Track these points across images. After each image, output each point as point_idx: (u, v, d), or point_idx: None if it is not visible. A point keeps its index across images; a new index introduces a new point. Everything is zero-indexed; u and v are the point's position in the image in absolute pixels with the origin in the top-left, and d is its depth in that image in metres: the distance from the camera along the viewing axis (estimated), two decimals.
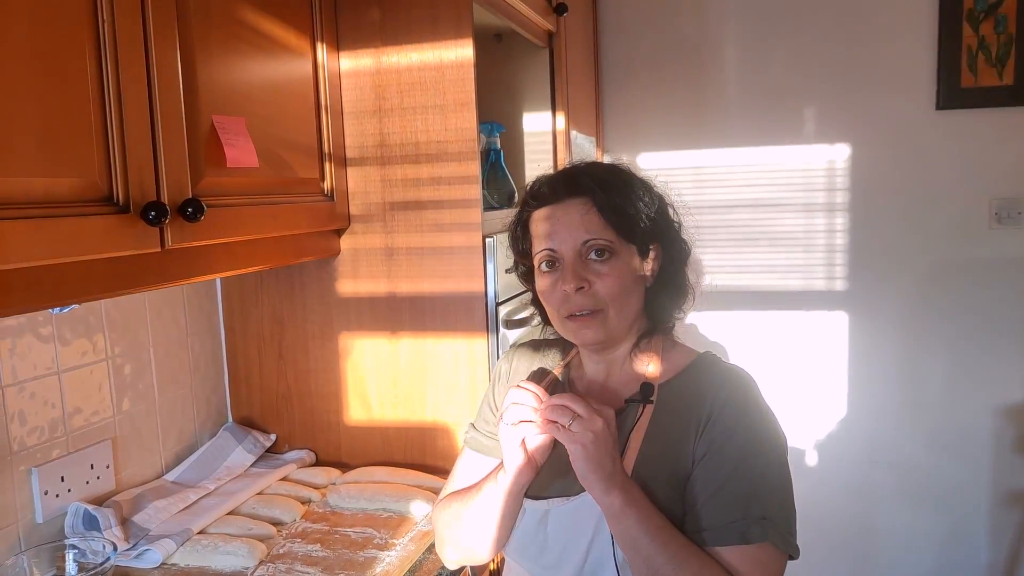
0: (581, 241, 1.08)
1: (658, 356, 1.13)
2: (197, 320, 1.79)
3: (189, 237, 1.20)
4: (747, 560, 0.98)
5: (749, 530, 0.98)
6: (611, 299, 1.08)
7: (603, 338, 1.10)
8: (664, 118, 2.84)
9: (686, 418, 1.05)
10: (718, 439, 1.02)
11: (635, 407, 1.08)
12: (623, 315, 1.10)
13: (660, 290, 1.14)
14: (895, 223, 2.70)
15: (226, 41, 1.32)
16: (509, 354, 1.30)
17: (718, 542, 0.99)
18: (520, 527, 1.11)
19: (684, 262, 1.16)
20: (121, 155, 1.07)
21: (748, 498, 1.00)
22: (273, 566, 1.36)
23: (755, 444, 1.02)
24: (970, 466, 2.74)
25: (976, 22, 2.52)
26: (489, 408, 1.26)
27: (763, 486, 1.01)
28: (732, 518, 0.99)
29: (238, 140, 1.32)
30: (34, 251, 0.96)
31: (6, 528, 1.35)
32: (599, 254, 1.08)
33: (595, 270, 1.08)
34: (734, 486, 1.00)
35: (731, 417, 1.03)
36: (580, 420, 0.98)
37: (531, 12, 2.01)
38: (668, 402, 1.08)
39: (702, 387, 1.07)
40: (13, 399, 1.36)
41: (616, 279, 1.07)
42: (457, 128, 1.64)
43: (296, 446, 1.85)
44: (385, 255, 1.72)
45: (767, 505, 1.00)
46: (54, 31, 0.98)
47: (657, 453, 1.05)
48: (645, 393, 1.08)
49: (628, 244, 1.09)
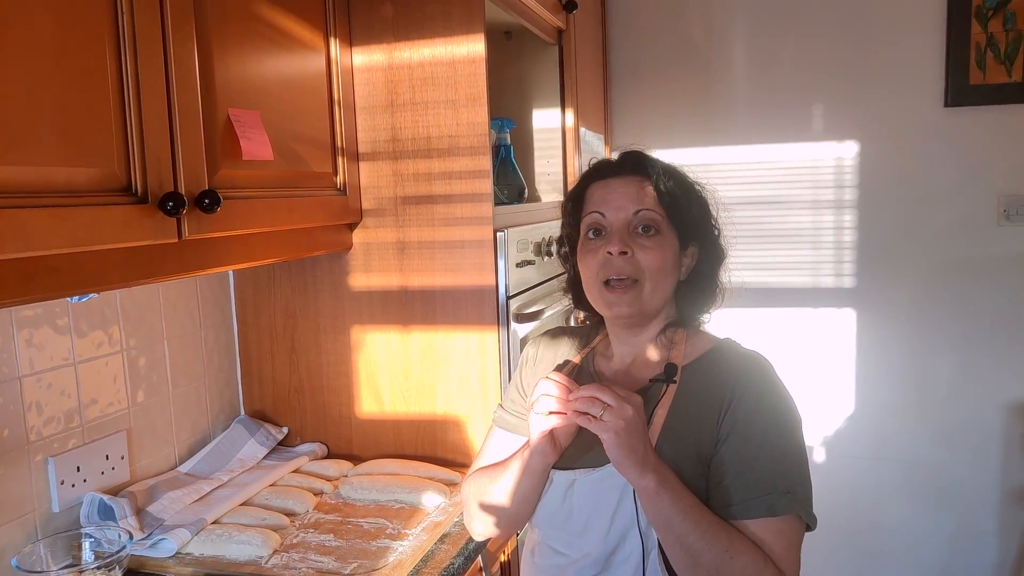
0: (633, 211, 1.13)
1: (682, 341, 1.18)
2: (211, 313, 1.81)
3: (206, 228, 1.21)
4: (772, 531, 1.04)
5: (776, 503, 1.04)
6: (650, 272, 1.12)
7: (636, 311, 1.14)
8: (672, 115, 2.85)
9: (708, 399, 1.10)
10: (742, 419, 1.07)
11: (659, 386, 1.13)
12: (657, 292, 1.14)
13: (691, 287, 1.20)
14: (903, 220, 2.71)
15: (242, 36, 1.34)
16: (536, 340, 1.35)
17: (747, 515, 1.04)
18: (547, 497, 1.16)
19: (718, 266, 1.22)
20: (140, 146, 1.09)
21: (773, 474, 1.05)
22: (287, 555, 1.37)
23: (777, 423, 1.08)
24: (978, 463, 2.74)
25: (985, 19, 2.53)
26: (517, 390, 1.31)
27: (786, 462, 1.07)
28: (759, 492, 1.04)
29: (253, 133, 1.34)
30: (55, 239, 0.97)
31: (23, 516, 1.36)
32: (646, 229, 1.13)
33: (640, 243, 1.12)
34: (760, 463, 1.06)
35: (753, 398, 1.08)
36: (610, 409, 1.01)
37: (541, 9, 2.03)
38: (690, 383, 1.13)
39: (723, 370, 1.12)
40: (30, 389, 1.37)
41: (658, 254, 1.12)
42: (468, 123, 1.66)
43: (308, 439, 1.86)
44: (397, 249, 1.73)
45: (791, 479, 1.06)
46: (75, 26, 1.00)
47: (681, 430, 1.09)
48: (669, 373, 1.12)
49: (673, 229, 1.15)
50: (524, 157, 2.28)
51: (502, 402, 1.34)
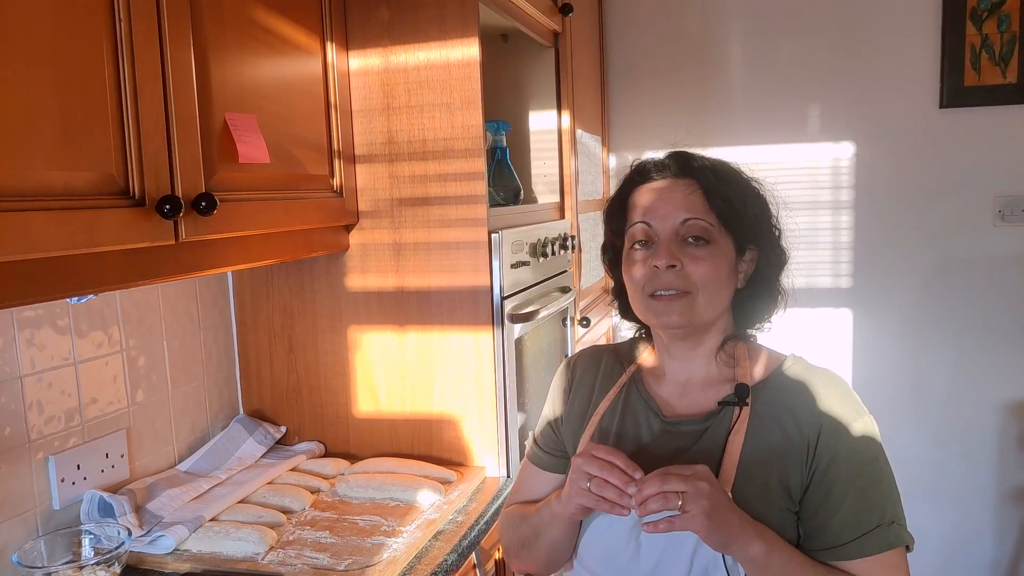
0: (680, 220, 1.03)
1: (745, 357, 1.09)
2: (209, 314, 1.83)
3: (203, 230, 1.23)
4: (884, 565, 0.98)
5: (888, 536, 0.98)
6: (703, 284, 1.03)
7: (687, 322, 1.04)
8: (669, 117, 2.87)
9: (790, 424, 1.02)
10: (843, 452, 1.00)
11: (730, 410, 1.04)
12: (712, 304, 1.04)
13: (751, 294, 1.10)
14: (899, 221, 2.72)
15: (238, 41, 1.36)
16: (569, 364, 1.23)
17: (862, 553, 0.98)
18: (607, 535, 1.06)
19: (780, 269, 1.12)
20: (137, 150, 1.11)
21: (880, 505, 0.99)
22: (283, 552, 1.39)
23: (872, 448, 1.02)
24: (974, 462, 2.75)
25: (979, 21, 2.54)
26: (551, 427, 1.21)
27: (885, 489, 1.01)
28: (869, 527, 0.98)
29: (250, 137, 1.36)
30: (54, 242, 0.99)
31: (24, 514, 1.39)
32: (696, 239, 1.03)
33: (690, 253, 1.03)
34: (866, 496, 0.99)
35: (846, 424, 1.01)
36: (686, 496, 0.90)
37: (537, 12, 2.05)
38: (764, 405, 1.04)
39: (801, 392, 1.04)
40: (31, 389, 1.40)
41: (711, 265, 1.03)
42: (463, 126, 1.68)
43: (306, 438, 1.89)
44: (393, 250, 1.75)
45: (895, 507, 1.00)
46: (73, 31, 1.02)
47: (761, 459, 1.01)
48: (741, 395, 1.03)
49: (727, 235, 1.05)
50: (521, 159, 2.30)
51: (536, 437, 1.24)
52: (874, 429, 1.03)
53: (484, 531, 1.52)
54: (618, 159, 2.96)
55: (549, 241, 2.03)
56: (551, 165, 2.32)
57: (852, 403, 1.04)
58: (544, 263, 2.01)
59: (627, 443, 1.10)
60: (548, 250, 2.00)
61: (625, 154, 2.95)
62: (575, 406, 1.18)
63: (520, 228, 1.87)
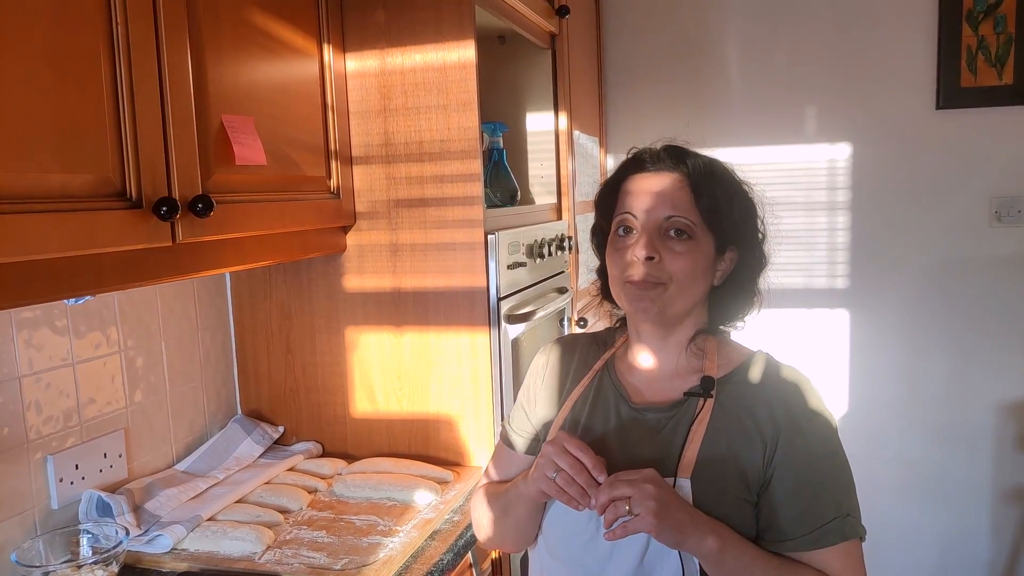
0: (664, 215, 1.07)
1: (714, 351, 1.12)
2: (207, 314, 1.84)
3: (199, 232, 1.24)
4: (841, 557, 1.02)
5: (843, 528, 1.02)
6: (677, 278, 1.06)
7: (658, 310, 1.08)
8: (666, 118, 2.88)
9: (751, 418, 1.05)
10: (800, 445, 1.03)
11: (695, 401, 1.08)
12: (684, 296, 1.08)
13: (726, 293, 1.13)
14: (896, 221, 2.73)
15: (235, 43, 1.37)
16: (546, 350, 1.28)
17: (819, 544, 1.01)
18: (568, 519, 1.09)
19: (759, 272, 1.15)
20: (134, 152, 1.11)
21: (836, 499, 1.03)
22: (280, 551, 1.40)
23: (830, 444, 1.05)
24: (971, 463, 2.76)
25: (976, 22, 2.55)
26: (523, 410, 1.25)
27: (842, 483, 1.05)
28: (824, 520, 1.01)
29: (247, 139, 1.37)
30: (51, 244, 1.00)
31: (23, 513, 1.40)
32: (678, 233, 1.07)
33: (670, 247, 1.06)
34: (824, 489, 1.03)
35: (806, 420, 1.04)
36: (632, 500, 0.95)
37: (533, 14, 2.05)
38: (728, 398, 1.08)
39: (766, 388, 1.08)
40: (29, 389, 1.40)
41: (688, 261, 1.06)
42: (460, 127, 1.68)
43: (303, 438, 1.90)
44: (390, 251, 1.76)
45: (850, 500, 1.04)
46: (70, 34, 1.03)
47: (722, 449, 1.04)
48: (706, 387, 1.07)
49: (708, 233, 1.08)
50: (518, 160, 2.31)
51: (508, 419, 1.28)
52: (833, 425, 1.07)
53: None
54: (616, 160, 2.96)
55: (546, 242, 2.04)
56: (548, 166, 2.33)
57: (813, 399, 1.07)
58: (541, 264, 2.02)
59: (596, 427, 1.14)
60: (545, 251, 2.01)
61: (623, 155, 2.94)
62: (549, 391, 1.22)
63: (517, 229, 1.87)
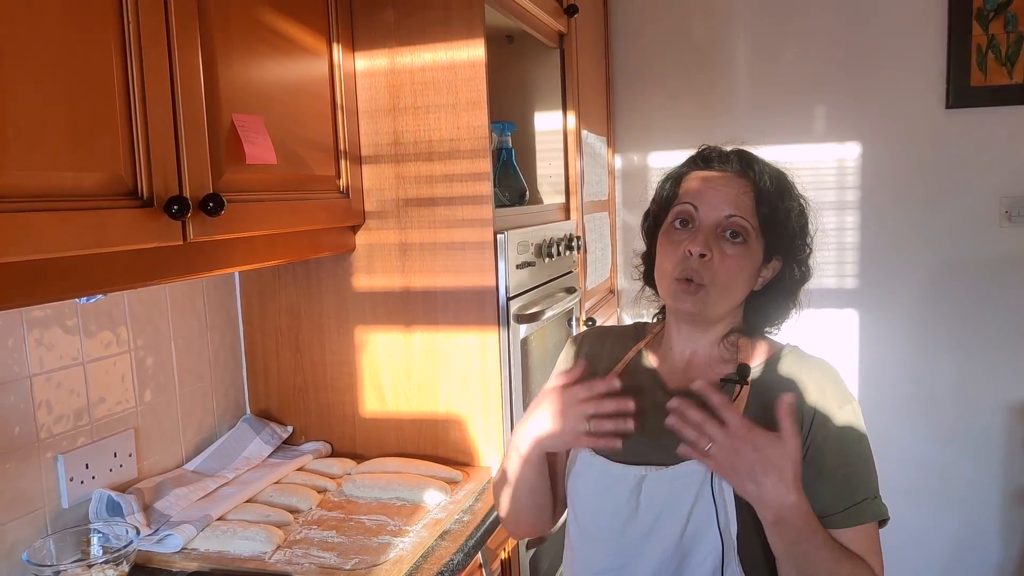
0: (725, 214, 1.09)
1: (747, 345, 1.16)
2: (216, 314, 1.84)
3: (210, 231, 1.24)
4: (863, 536, 1.06)
5: (873, 508, 1.06)
6: (719, 280, 1.08)
7: (698, 311, 1.10)
8: (675, 117, 2.87)
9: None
10: (833, 431, 1.07)
11: (731, 387, 1.11)
12: (724, 299, 1.11)
13: (765, 300, 1.16)
14: (905, 221, 2.72)
15: (246, 42, 1.37)
16: (576, 340, 1.29)
17: (849, 523, 1.05)
18: (608, 493, 1.11)
19: (800, 284, 1.18)
20: (145, 151, 1.11)
21: (867, 479, 1.08)
22: (290, 551, 1.40)
23: (859, 428, 1.10)
24: (980, 463, 2.75)
25: (985, 21, 2.54)
26: None
27: (870, 467, 1.09)
28: (857, 499, 1.06)
29: (257, 138, 1.37)
30: (62, 242, 1.00)
31: (33, 512, 1.40)
32: (733, 235, 1.09)
33: (723, 248, 1.08)
34: (855, 470, 1.07)
35: (836, 408, 1.09)
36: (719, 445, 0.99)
37: (542, 14, 2.05)
38: (761, 384, 1.11)
39: (797, 375, 1.12)
40: (40, 388, 1.41)
41: (738, 263, 1.09)
42: (469, 126, 1.68)
43: (312, 438, 1.89)
44: (399, 250, 1.76)
45: (875, 483, 1.09)
46: (82, 33, 1.03)
47: None
48: (742, 374, 1.11)
49: (761, 239, 1.11)
50: (526, 159, 2.30)
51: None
52: (860, 414, 1.11)
53: (490, 531, 1.53)
54: (624, 160, 2.96)
55: (554, 242, 2.03)
56: (556, 166, 2.32)
57: (842, 390, 1.12)
58: (550, 264, 2.02)
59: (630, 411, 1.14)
60: (554, 250, 2.01)
61: (631, 155, 2.95)
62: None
63: (526, 229, 1.87)
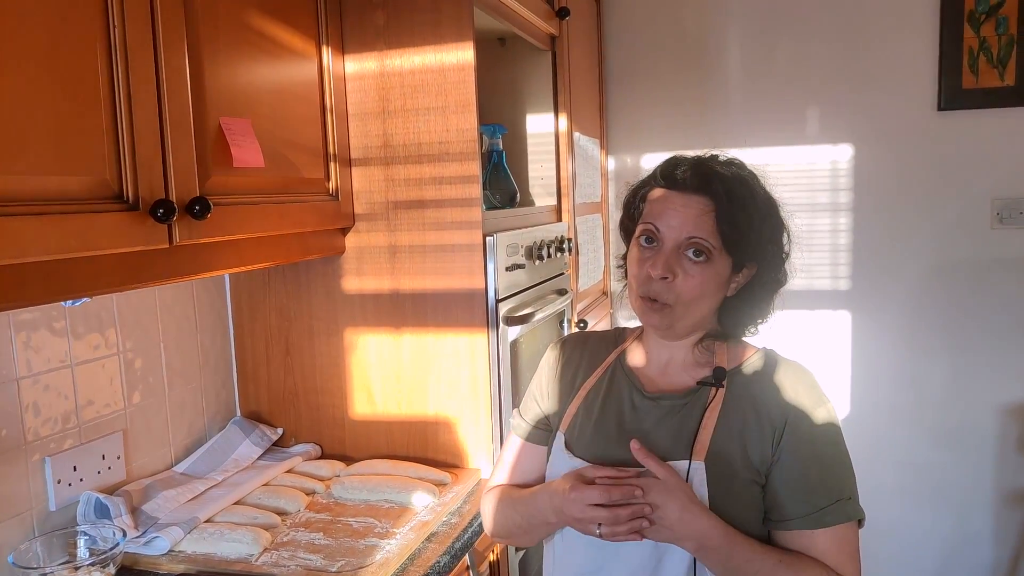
0: (686, 236, 1.10)
1: (722, 348, 1.18)
2: (206, 316, 1.84)
3: (196, 234, 1.24)
4: (837, 539, 1.08)
5: (845, 509, 1.08)
6: (686, 299, 1.11)
7: (666, 327, 1.14)
8: (667, 119, 2.88)
9: (760, 408, 1.12)
10: (805, 432, 1.10)
11: (707, 390, 1.14)
12: (690, 315, 1.13)
13: (739, 304, 1.17)
14: (898, 223, 2.72)
15: (233, 45, 1.37)
16: (558, 344, 1.32)
17: (821, 524, 1.07)
18: None
19: (775, 290, 1.19)
20: (131, 155, 1.12)
21: (840, 480, 1.10)
22: (277, 553, 1.40)
23: (833, 431, 1.12)
24: (973, 465, 2.75)
25: (977, 23, 2.54)
26: (535, 400, 1.30)
27: (844, 469, 1.11)
28: (830, 501, 1.08)
29: (245, 141, 1.37)
30: (48, 246, 1.00)
31: (21, 515, 1.40)
32: (696, 254, 1.10)
33: (685, 267, 1.10)
34: (827, 472, 1.09)
35: (810, 410, 1.11)
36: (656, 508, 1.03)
37: (533, 16, 2.05)
38: (736, 387, 1.14)
39: (773, 381, 1.14)
40: (28, 391, 1.41)
41: (699, 283, 1.11)
42: (458, 129, 1.68)
43: (302, 440, 1.90)
44: (389, 253, 1.76)
45: (850, 485, 1.11)
46: (68, 36, 1.03)
47: (733, 434, 1.10)
48: (718, 376, 1.14)
49: (726, 255, 1.12)
50: (518, 162, 2.30)
51: (520, 409, 1.32)
52: (835, 416, 1.13)
53: (478, 533, 1.53)
54: (617, 161, 2.96)
55: (546, 244, 2.04)
56: (548, 168, 2.33)
57: (817, 392, 1.14)
58: (541, 266, 2.02)
59: (609, 416, 1.18)
60: (545, 253, 2.01)
61: (624, 156, 2.95)
62: (562, 382, 1.26)
63: (516, 231, 1.87)
